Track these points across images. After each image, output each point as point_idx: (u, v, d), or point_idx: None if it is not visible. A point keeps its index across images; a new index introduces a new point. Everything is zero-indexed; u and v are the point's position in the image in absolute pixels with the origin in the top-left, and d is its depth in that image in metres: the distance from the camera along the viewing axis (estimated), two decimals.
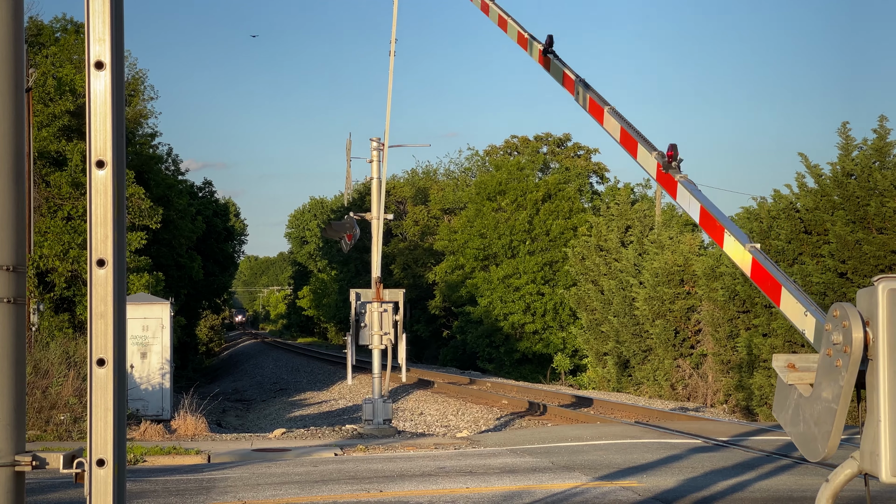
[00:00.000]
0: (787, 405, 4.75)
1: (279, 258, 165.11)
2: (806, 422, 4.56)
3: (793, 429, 4.68)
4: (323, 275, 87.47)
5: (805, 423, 4.56)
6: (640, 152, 10.19)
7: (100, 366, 4.34)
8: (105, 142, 4.37)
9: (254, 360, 68.02)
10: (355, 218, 24.63)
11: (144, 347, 25.71)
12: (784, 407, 4.78)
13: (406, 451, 18.33)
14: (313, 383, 45.87)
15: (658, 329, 35.38)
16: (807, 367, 4.70)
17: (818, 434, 4.45)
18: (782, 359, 4.75)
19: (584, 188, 62.84)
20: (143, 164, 38.39)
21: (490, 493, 12.41)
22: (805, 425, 4.56)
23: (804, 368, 4.69)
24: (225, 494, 12.75)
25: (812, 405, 4.53)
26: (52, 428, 20.25)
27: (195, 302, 52.43)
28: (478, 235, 53.50)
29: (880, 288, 4.30)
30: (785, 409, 4.77)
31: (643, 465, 14.83)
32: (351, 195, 79.45)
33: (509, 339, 51.94)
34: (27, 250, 4.66)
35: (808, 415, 4.54)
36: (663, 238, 37.91)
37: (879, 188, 26.05)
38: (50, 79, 29.66)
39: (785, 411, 4.77)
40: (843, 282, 26.12)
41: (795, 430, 4.65)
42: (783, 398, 4.79)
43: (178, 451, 17.91)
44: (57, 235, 28.45)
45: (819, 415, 4.46)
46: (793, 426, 4.68)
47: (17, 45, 4.57)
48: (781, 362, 4.75)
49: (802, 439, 4.59)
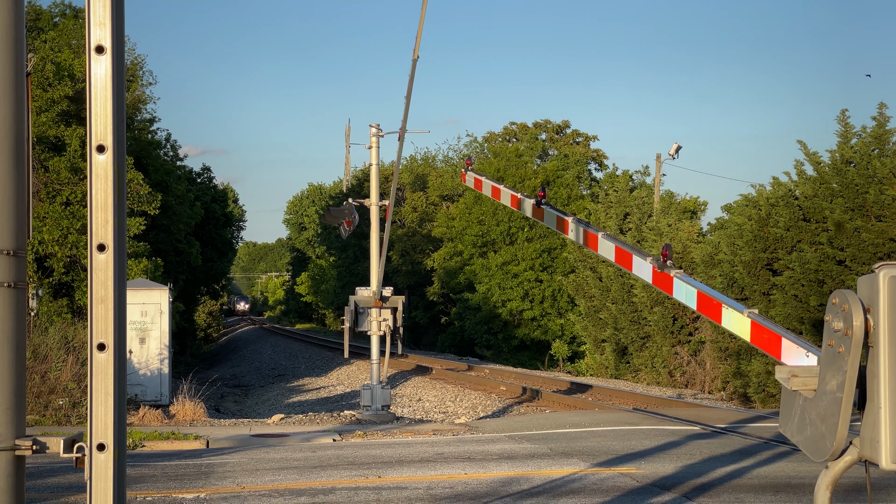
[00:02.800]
0: (792, 414, 4.74)
1: (277, 244, 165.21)
2: (812, 423, 4.54)
3: (800, 436, 4.66)
4: (321, 261, 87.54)
5: (812, 425, 4.55)
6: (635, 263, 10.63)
7: (100, 350, 4.34)
8: (105, 126, 4.36)
9: (252, 346, 68.08)
10: (354, 204, 24.63)
11: (143, 333, 25.72)
12: (789, 417, 4.76)
13: (404, 437, 18.35)
14: (311, 369, 45.92)
15: (656, 316, 35.41)
16: (809, 374, 4.69)
17: (825, 430, 4.43)
18: (785, 370, 4.75)
19: (583, 175, 62.84)
20: (142, 150, 38.35)
21: (488, 479, 12.42)
22: (812, 427, 4.55)
23: (807, 374, 4.69)
24: (223, 480, 12.76)
25: (817, 403, 4.52)
26: (51, 412, 20.27)
27: (193, 288, 52.44)
28: (476, 222, 53.51)
29: (881, 275, 4.30)
30: (790, 418, 4.75)
31: (641, 451, 14.85)
32: (349, 181, 79.39)
33: (507, 325, 51.99)
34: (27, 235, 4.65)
35: (815, 415, 4.53)
36: (662, 225, 37.92)
37: (878, 176, 26.04)
38: (49, 64, 29.59)
39: (791, 421, 4.75)
40: (842, 269, 26.13)
41: (802, 435, 4.63)
42: (788, 408, 4.78)
43: (177, 436, 17.93)
44: (56, 220, 28.43)
45: (825, 409, 4.45)
46: (800, 432, 4.66)
47: (17, 30, 4.55)
48: (784, 374, 4.75)
49: (810, 442, 4.56)
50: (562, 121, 68.62)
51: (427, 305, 60.22)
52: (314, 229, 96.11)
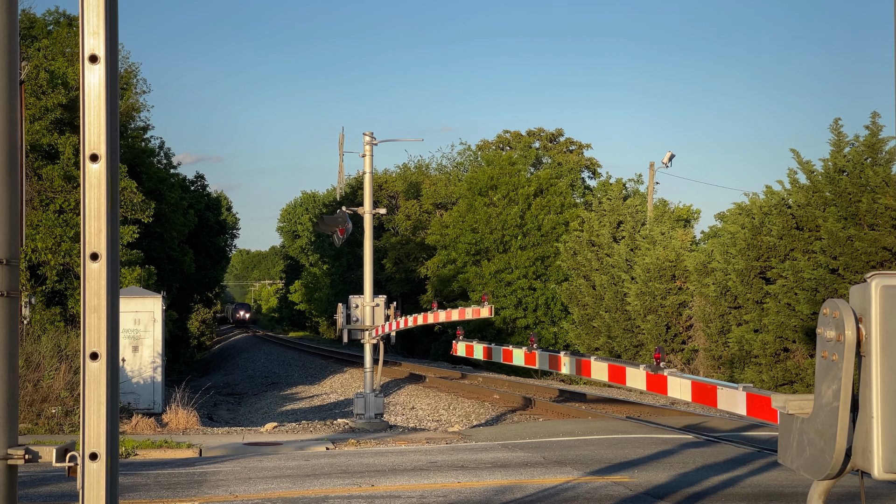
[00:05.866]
0: (790, 440, 4.72)
1: (271, 252, 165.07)
2: (811, 442, 4.52)
3: (800, 460, 4.63)
4: (315, 269, 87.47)
5: (811, 445, 4.52)
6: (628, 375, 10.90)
7: (93, 359, 4.33)
8: (99, 135, 4.36)
9: (245, 354, 68.00)
10: (347, 212, 24.62)
11: (136, 341, 25.67)
12: (788, 444, 4.74)
13: (398, 446, 18.34)
14: (305, 377, 45.85)
15: (649, 324, 35.43)
16: (804, 398, 4.67)
17: (824, 445, 4.41)
18: (781, 399, 4.75)
19: (576, 183, 62.88)
20: (136, 158, 38.31)
21: (482, 488, 12.42)
22: (811, 447, 4.52)
23: (802, 399, 4.68)
24: (216, 488, 12.74)
25: (815, 420, 4.51)
26: (44, 421, 20.23)
27: (187, 295, 52.36)
28: (469, 230, 53.52)
29: (873, 284, 4.31)
30: (789, 445, 4.73)
31: (635, 460, 14.85)
32: (343, 189, 79.38)
33: (501, 333, 51.97)
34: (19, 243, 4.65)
35: (813, 432, 4.51)
36: (655, 233, 37.95)
37: (871, 184, 26.09)
38: (42, 72, 29.55)
39: (789, 448, 4.72)
40: (835, 278, 26.17)
41: (802, 458, 4.61)
42: (786, 435, 4.77)
43: (170, 444, 17.90)
44: (49, 229, 28.38)
45: (823, 423, 4.43)
46: (799, 456, 4.64)
47: (10, 38, 4.56)
48: (780, 402, 4.75)
49: (811, 462, 4.53)
50: (555, 129, 68.68)
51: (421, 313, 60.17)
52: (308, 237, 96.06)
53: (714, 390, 9.17)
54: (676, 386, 9.72)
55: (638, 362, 10.03)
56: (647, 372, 10.15)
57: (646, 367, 10.07)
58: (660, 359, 9.70)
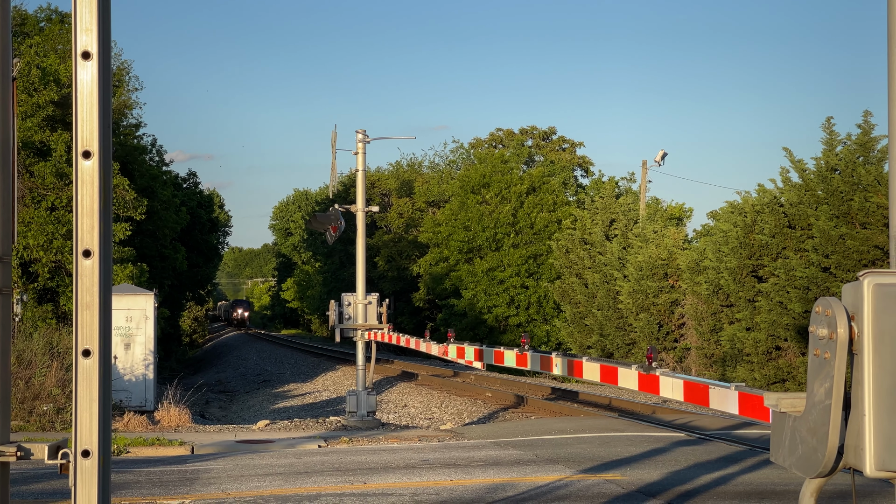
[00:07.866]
0: (782, 438, 4.71)
1: (263, 249, 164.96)
2: (804, 440, 4.51)
3: (792, 458, 4.62)
4: (307, 266, 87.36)
5: (803, 443, 4.52)
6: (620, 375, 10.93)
7: (85, 357, 4.32)
8: (92, 132, 4.35)
9: (237, 352, 67.93)
10: (340, 210, 24.61)
11: (128, 338, 25.64)
12: (780, 442, 4.73)
13: (390, 444, 18.33)
14: (297, 375, 45.82)
15: (642, 322, 35.45)
16: (797, 396, 4.67)
17: (816, 443, 4.41)
18: (773, 397, 4.74)
19: (569, 181, 62.87)
20: (128, 155, 38.25)
21: (474, 486, 12.42)
22: (803, 445, 4.52)
23: (794, 397, 4.68)
24: (208, 486, 12.73)
25: (807, 417, 4.51)
26: (35, 418, 20.19)
27: (179, 293, 52.30)
28: (462, 228, 53.50)
29: (865, 283, 4.31)
30: (781, 443, 4.72)
31: (627, 458, 14.86)
32: (336, 187, 79.32)
33: (493, 331, 51.96)
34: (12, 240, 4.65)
35: (805, 430, 4.51)
36: (647, 232, 37.97)
37: (863, 183, 26.13)
38: (34, 69, 29.48)
39: (782, 446, 4.71)
40: (827, 276, 26.21)
41: (795, 456, 4.60)
42: (778, 434, 4.76)
43: (162, 442, 17.88)
44: (41, 226, 28.32)
45: (815, 421, 4.43)
46: (791, 454, 4.63)
47: (2, 34, 4.55)
48: (773, 400, 4.74)
49: (803, 460, 4.52)
50: (548, 127, 68.71)
51: (413, 311, 60.14)
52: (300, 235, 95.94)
53: (706, 390, 9.18)
54: (668, 386, 9.74)
55: (630, 362, 10.05)
56: (638, 372, 10.18)
57: (638, 367, 10.11)
58: (652, 359, 9.73)
